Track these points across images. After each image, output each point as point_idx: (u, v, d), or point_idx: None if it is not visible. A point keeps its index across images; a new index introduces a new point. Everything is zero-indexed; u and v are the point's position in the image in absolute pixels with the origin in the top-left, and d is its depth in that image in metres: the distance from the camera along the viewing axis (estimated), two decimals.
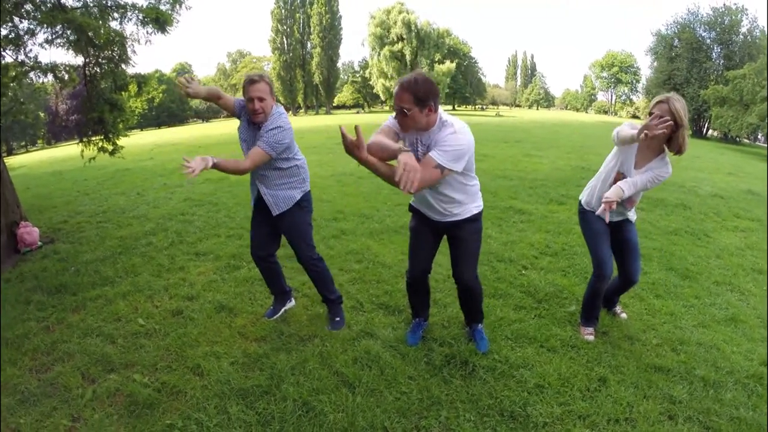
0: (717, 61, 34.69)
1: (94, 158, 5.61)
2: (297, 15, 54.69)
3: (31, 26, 4.49)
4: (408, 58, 50.76)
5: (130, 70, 5.32)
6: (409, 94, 1.89)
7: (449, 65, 50.90)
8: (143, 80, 5.52)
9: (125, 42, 4.98)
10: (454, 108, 64.33)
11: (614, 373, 2.35)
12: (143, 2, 5.03)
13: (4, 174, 4.64)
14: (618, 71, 70.38)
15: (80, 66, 5.05)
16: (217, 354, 2.51)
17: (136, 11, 4.86)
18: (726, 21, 33.48)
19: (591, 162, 9.62)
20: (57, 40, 4.58)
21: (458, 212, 2.25)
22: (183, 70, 73.54)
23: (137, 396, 2.16)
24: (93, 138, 5.53)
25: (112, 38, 4.78)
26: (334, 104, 62.73)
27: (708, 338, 2.74)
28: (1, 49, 4.33)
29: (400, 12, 50.68)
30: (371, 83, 57.18)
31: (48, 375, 2.38)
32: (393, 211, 5.49)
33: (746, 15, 33.26)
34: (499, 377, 2.30)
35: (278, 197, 2.56)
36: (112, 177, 9.15)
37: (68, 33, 4.51)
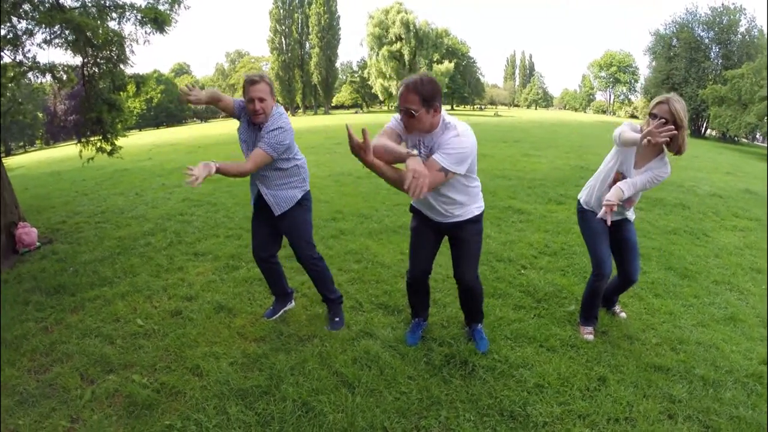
0: (715, 61, 34.82)
1: (93, 158, 5.60)
2: (295, 15, 54.65)
3: (30, 26, 4.48)
4: (406, 58, 50.79)
5: (129, 70, 5.32)
6: (416, 95, 1.87)
7: (448, 65, 50.94)
8: (142, 80, 5.52)
9: (124, 42, 4.97)
10: (453, 108, 64.34)
11: (614, 373, 2.36)
12: (142, 2, 5.03)
13: (3, 174, 4.63)
14: (616, 71, 70.45)
15: (78, 66, 5.04)
16: (216, 354, 2.51)
17: (135, 11, 4.86)
18: (724, 21, 33.60)
19: (590, 162, 9.63)
20: (55, 40, 4.58)
21: (459, 213, 2.24)
22: (181, 70, 73.54)
23: (136, 397, 2.16)
24: (91, 138, 5.53)
25: (111, 38, 4.78)
26: (333, 104, 62.70)
27: (707, 337, 2.75)
28: (0, 50, 4.32)
29: (399, 12, 50.69)
30: (370, 83, 57.20)
31: (47, 376, 2.37)
32: (392, 211, 5.49)
33: (744, 15, 33.46)
34: (499, 377, 2.30)
35: (279, 197, 2.55)
36: (111, 177, 9.13)
37: (66, 33, 4.50)
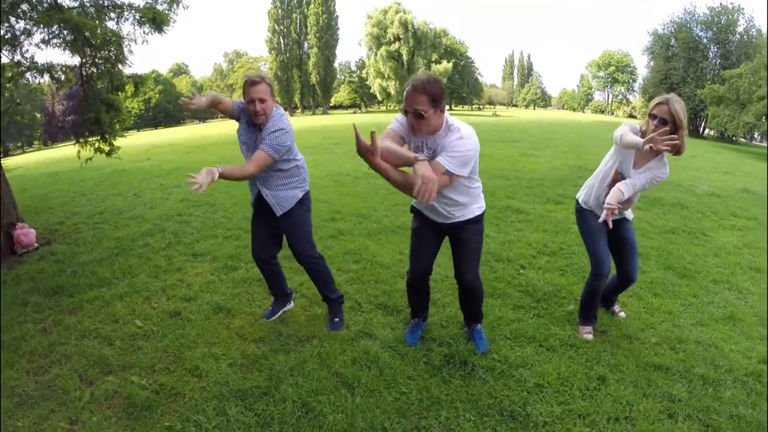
0: (713, 61, 34.89)
1: (91, 159, 5.59)
2: (294, 15, 54.65)
3: (28, 26, 4.47)
4: (405, 58, 50.81)
5: (127, 71, 5.32)
6: (425, 96, 1.85)
7: (446, 65, 51.00)
8: (140, 80, 5.50)
9: (122, 42, 4.97)
10: (451, 108, 64.40)
11: (613, 372, 2.36)
12: (140, 2, 5.02)
13: (1, 175, 4.61)
14: (615, 71, 70.54)
15: (77, 66, 5.03)
16: (216, 355, 2.50)
17: (133, 11, 4.85)
18: (722, 20, 33.67)
19: (588, 161, 9.63)
20: (53, 41, 4.57)
21: (461, 214, 2.24)
22: (179, 70, 73.50)
23: (135, 398, 2.15)
24: (90, 139, 5.52)
25: (109, 38, 4.77)
26: (331, 104, 62.70)
27: (706, 336, 2.75)
28: None
29: (397, 12, 50.71)
30: (368, 83, 57.27)
31: (45, 377, 2.36)
32: (390, 211, 5.49)
33: (743, 14, 33.54)
34: (499, 377, 2.30)
35: (280, 197, 2.55)
36: (109, 178, 9.11)
37: (65, 33, 4.49)
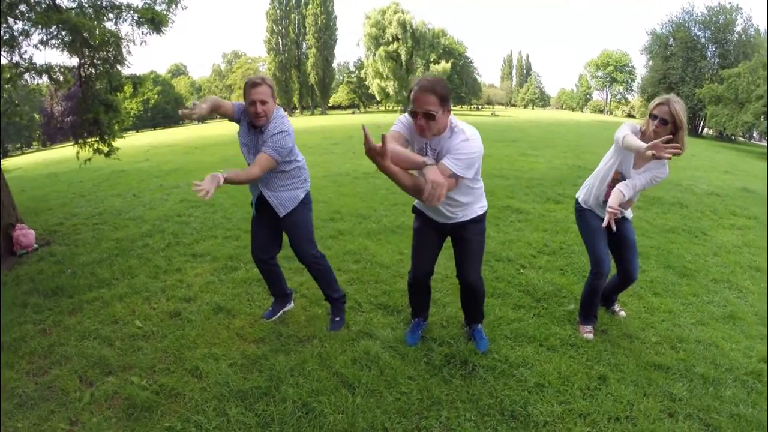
0: (712, 60, 34.98)
1: (90, 160, 5.58)
2: (292, 15, 54.66)
3: (26, 27, 4.47)
4: (403, 59, 50.75)
5: (126, 71, 5.31)
6: (434, 96, 1.83)
7: (445, 65, 50.96)
8: (138, 81, 5.50)
9: (120, 43, 4.96)
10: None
11: (614, 372, 2.36)
12: (139, 2, 5.02)
13: (0, 176, 4.61)
14: (613, 70, 70.65)
15: (75, 67, 5.03)
16: (216, 356, 2.50)
17: (132, 12, 4.85)
18: (721, 20, 33.75)
19: (587, 161, 9.64)
20: (52, 41, 4.56)
21: (464, 214, 2.24)
22: (178, 71, 73.52)
23: (135, 399, 2.14)
24: (88, 139, 5.51)
25: (108, 39, 4.76)
26: (330, 105, 62.74)
27: (707, 336, 2.75)
28: None
29: (396, 12, 50.65)
30: (367, 84, 57.15)
31: (45, 378, 2.36)
32: (390, 211, 5.48)
33: (741, 14, 33.68)
34: (499, 376, 2.30)
35: (282, 198, 2.55)
36: (108, 179, 9.10)
37: (63, 34, 4.49)
